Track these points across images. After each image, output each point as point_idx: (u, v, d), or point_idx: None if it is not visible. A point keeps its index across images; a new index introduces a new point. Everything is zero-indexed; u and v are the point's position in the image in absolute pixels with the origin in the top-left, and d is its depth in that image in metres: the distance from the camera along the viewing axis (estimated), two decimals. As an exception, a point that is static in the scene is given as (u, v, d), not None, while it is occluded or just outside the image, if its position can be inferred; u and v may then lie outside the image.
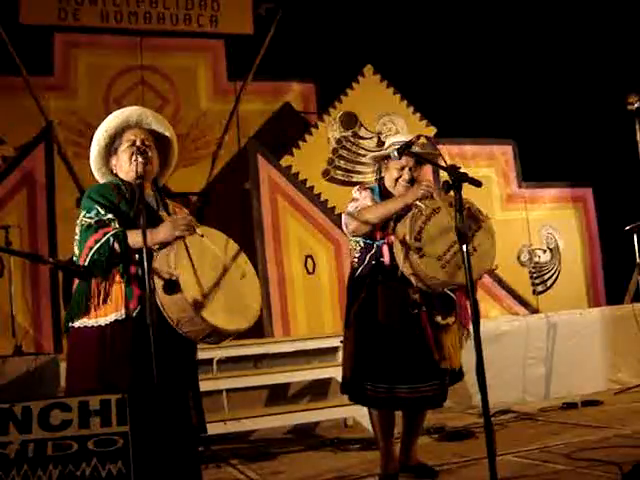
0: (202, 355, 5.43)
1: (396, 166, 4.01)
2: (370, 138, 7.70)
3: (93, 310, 3.07)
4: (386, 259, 3.95)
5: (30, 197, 6.74)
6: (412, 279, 3.81)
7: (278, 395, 6.03)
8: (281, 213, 7.20)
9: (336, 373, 5.79)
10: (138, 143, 3.29)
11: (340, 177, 7.60)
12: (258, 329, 6.75)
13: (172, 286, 2.96)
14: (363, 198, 4.07)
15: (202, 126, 7.90)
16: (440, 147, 4.10)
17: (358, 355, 3.98)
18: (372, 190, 4.14)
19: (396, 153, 3.69)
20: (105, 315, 3.05)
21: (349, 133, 7.69)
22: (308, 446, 5.31)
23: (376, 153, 4.23)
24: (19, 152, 6.83)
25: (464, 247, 3.13)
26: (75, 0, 7.61)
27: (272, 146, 7.48)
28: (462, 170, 3.25)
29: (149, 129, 3.41)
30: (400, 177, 4.03)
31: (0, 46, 7.28)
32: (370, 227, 3.95)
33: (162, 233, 3.10)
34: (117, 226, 3.08)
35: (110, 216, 3.12)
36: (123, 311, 3.04)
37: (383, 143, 7.53)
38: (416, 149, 3.85)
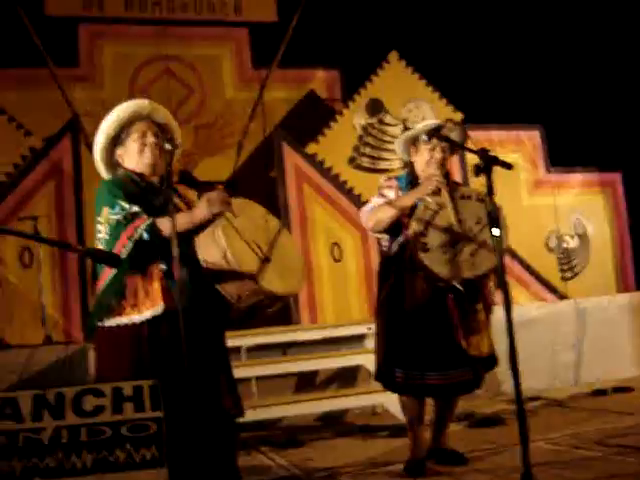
0: (231, 343, 5.41)
1: (427, 147, 4.02)
2: (396, 125, 7.64)
3: (129, 308, 3.04)
4: None
5: (58, 188, 6.78)
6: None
7: (306, 382, 6.05)
8: (307, 201, 7.19)
9: (364, 360, 5.81)
10: (150, 135, 3.30)
11: (366, 164, 7.57)
12: (285, 316, 6.76)
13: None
14: (389, 189, 4.11)
15: (227, 115, 7.89)
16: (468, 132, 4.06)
17: (388, 342, 4.01)
18: (399, 179, 4.18)
19: (425, 136, 3.69)
20: (140, 312, 3.03)
21: (375, 120, 7.64)
22: (337, 433, 5.34)
23: (405, 134, 4.21)
24: (46, 143, 6.87)
25: (495, 231, 3.12)
26: (99, -10, 7.65)
27: (297, 134, 7.47)
28: (492, 153, 3.22)
29: (156, 122, 3.42)
30: (431, 158, 4.02)
31: (26, 38, 7.31)
32: (386, 225, 4.00)
33: (199, 212, 3.08)
34: (145, 217, 3.06)
35: (136, 208, 3.09)
36: (161, 306, 3.02)
37: (409, 129, 7.52)
38: (446, 133, 3.84)
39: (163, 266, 3.08)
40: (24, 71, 7.40)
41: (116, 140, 3.36)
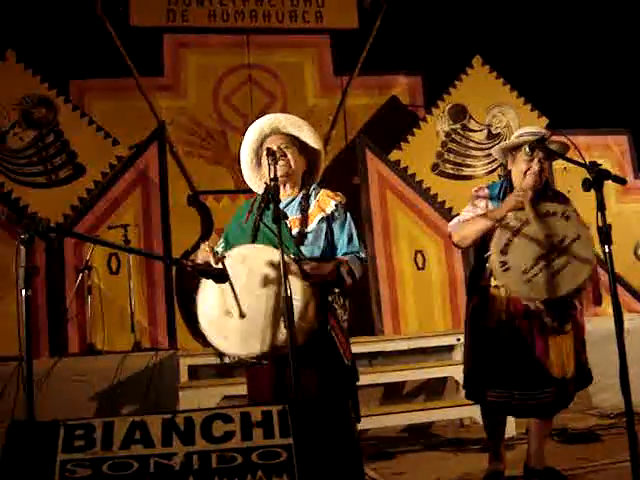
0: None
1: (524, 157, 3.91)
2: (480, 130, 7.54)
3: None
4: None
5: (144, 195, 6.87)
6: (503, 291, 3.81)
7: (392, 393, 5.99)
8: (390, 208, 7.14)
9: (452, 372, 5.72)
10: (275, 148, 3.30)
11: (450, 171, 7.48)
12: (369, 326, 6.72)
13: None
14: (478, 199, 4.04)
15: (309, 121, 7.79)
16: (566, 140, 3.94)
17: (472, 357, 3.99)
18: (492, 187, 4.08)
19: (528, 149, 3.61)
20: None
21: (458, 126, 7.55)
22: (426, 446, 5.27)
23: (504, 144, 4.12)
24: (133, 152, 6.98)
25: (606, 248, 3.03)
26: (183, 1, 7.73)
27: (379, 140, 7.42)
28: (603, 167, 3.13)
29: (288, 133, 3.42)
30: (529, 169, 3.92)
31: (112, 49, 7.46)
32: (471, 241, 3.95)
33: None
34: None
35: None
36: None
37: (494, 135, 7.42)
38: (551, 145, 3.74)
39: None
40: (111, 81, 7.55)
41: (257, 163, 3.46)
